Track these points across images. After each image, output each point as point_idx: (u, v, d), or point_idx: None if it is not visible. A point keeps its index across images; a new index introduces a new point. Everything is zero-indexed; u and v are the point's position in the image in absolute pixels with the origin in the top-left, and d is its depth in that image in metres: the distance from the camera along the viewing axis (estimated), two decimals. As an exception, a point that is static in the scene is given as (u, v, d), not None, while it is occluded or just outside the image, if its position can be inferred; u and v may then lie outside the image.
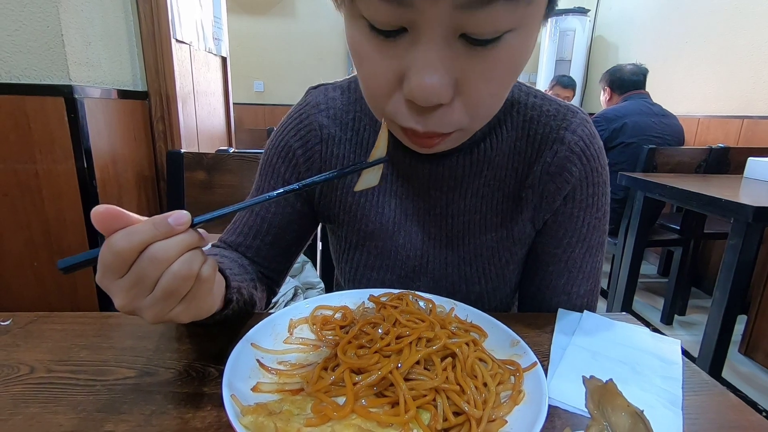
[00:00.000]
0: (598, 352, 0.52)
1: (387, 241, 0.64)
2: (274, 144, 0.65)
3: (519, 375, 0.43)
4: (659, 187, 1.78)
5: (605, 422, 0.30)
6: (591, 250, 0.62)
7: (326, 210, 0.66)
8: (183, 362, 0.49)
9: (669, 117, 2.43)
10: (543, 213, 0.61)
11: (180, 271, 0.34)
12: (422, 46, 0.38)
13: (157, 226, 0.33)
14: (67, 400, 0.42)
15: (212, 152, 1.34)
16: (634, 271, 2.07)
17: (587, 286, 0.63)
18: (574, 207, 0.59)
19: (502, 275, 0.64)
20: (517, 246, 0.63)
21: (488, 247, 0.62)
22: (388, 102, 0.44)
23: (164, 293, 0.34)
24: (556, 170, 0.58)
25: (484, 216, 0.61)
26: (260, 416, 0.35)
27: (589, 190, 0.59)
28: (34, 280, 1.24)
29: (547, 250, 0.63)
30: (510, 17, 0.36)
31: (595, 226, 0.61)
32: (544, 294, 0.65)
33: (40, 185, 1.18)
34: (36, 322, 0.57)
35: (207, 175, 1.29)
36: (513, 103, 0.59)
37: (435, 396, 0.38)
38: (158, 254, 0.33)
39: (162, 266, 0.33)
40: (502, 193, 0.61)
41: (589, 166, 0.58)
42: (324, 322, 0.53)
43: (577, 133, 0.57)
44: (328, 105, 0.63)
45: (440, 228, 0.63)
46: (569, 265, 0.62)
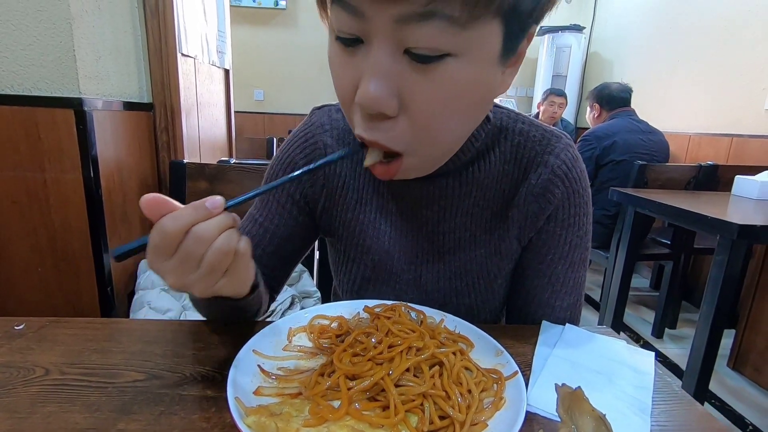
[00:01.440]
0: (577, 362, 0.55)
1: (383, 255, 0.68)
2: (280, 159, 0.69)
3: (501, 383, 0.47)
4: (649, 203, 1.83)
5: (573, 425, 0.34)
6: (573, 266, 0.66)
7: (327, 224, 0.70)
8: (189, 367, 0.52)
9: (655, 133, 2.50)
10: (528, 231, 0.65)
11: (221, 246, 0.39)
12: (371, 56, 0.42)
13: (197, 210, 0.38)
14: (82, 401, 0.45)
15: (214, 163, 1.38)
16: (625, 285, 2.11)
17: (570, 300, 0.67)
18: (557, 226, 0.64)
19: (491, 289, 0.68)
20: (505, 261, 0.67)
21: (477, 263, 0.66)
22: (350, 110, 0.48)
23: (209, 268, 0.39)
24: (540, 191, 0.62)
25: (473, 233, 0.65)
26: (262, 417, 0.39)
27: (571, 210, 0.63)
28: (39, 285, 1.27)
29: (532, 266, 0.67)
30: (448, 39, 0.39)
31: (577, 244, 0.65)
32: (530, 307, 0.68)
33: (48, 193, 1.21)
34: (48, 327, 0.60)
35: (209, 185, 1.33)
36: (501, 129, 0.63)
37: (423, 401, 0.42)
38: (202, 233, 0.38)
39: (206, 243, 0.38)
40: (490, 212, 0.65)
41: (571, 188, 0.62)
42: (321, 331, 0.57)
43: (560, 158, 0.62)
44: (332, 126, 0.68)
45: (432, 244, 0.67)
46: (552, 280, 0.66)
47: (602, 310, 2.28)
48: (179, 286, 0.40)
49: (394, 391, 0.42)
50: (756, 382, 1.96)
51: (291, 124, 4.35)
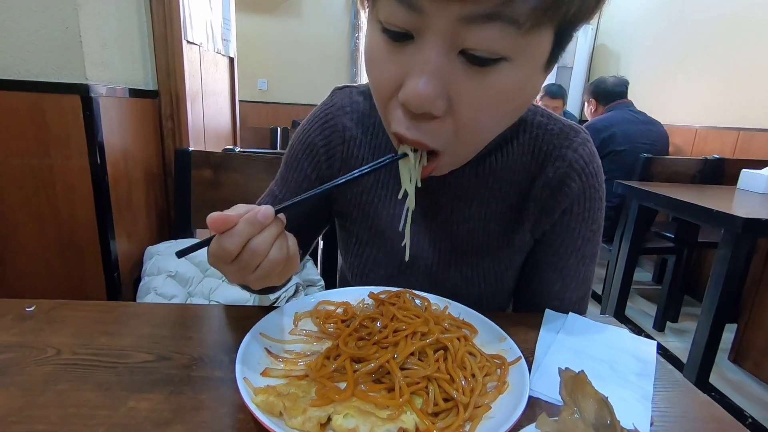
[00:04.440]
0: (580, 350, 0.56)
1: (395, 240, 0.68)
2: (300, 139, 0.69)
3: (504, 368, 0.47)
4: (653, 197, 1.82)
5: (575, 408, 0.34)
6: (584, 260, 0.66)
7: (341, 206, 0.71)
8: (197, 349, 0.53)
9: (654, 124, 2.48)
10: (542, 224, 0.65)
11: (275, 258, 0.43)
12: (424, 54, 0.41)
13: (252, 225, 0.41)
14: (93, 380, 0.46)
15: (219, 151, 1.38)
16: (627, 278, 2.12)
17: (579, 293, 0.68)
18: (571, 220, 0.64)
19: (501, 280, 0.68)
20: (517, 253, 0.67)
21: (489, 253, 0.67)
22: (388, 105, 0.48)
23: (265, 273, 0.43)
24: (557, 185, 0.62)
25: (487, 224, 0.65)
26: (270, 396, 0.40)
27: (586, 204, 0.63)
28: (46, 271, 1.28)
29: (544, 259, 0.67)
30: (508, 43, 0.39)
31: (590, 239, 0.65)
32: (539, 299, 0.69)
33: (54, 180, 1.22)
34: (58, 309, 0.61)
35: (213, 174, 1.33)
36: (520, 121, 0.63)
37: (427, 384, 0.42)
38: (256, 248, 0.41)
39: (261, 257, 0.42)
40: (505, 204, 0.65)
41: (588, 183, 0.62)
42: (327, 316, 0.58)
43: (578, 152, 0.62)
44: (352, 108, 0.67)
45: (445, 233, 0.67)
46: (563, 273, 0.66)
47: (604, 303, 2.29)
48: (237, 282, 0.47)
49: (399, 373, 0.42)
50: (756, 375, 1.97)
51: (295, 114, 4.33)
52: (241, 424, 0.41)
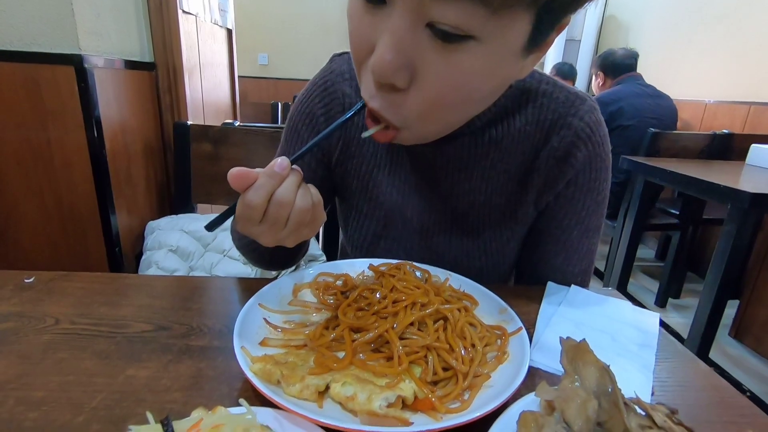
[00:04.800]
0: (581, 322, 0.56)
1: (395, 212, 0.67)
2: (299, 109, 0.68)
3: (504, 338, 0.47)
4: (660, 172, 1.79)
5: (576, 376, 0.34)
6: (588, 233, 0.65)
7: (341, 176, 0.70)
8: (195, 319, 0.53)
9: (663, 98, 2.42)
10: (546, 196, 0.63)
11: (302, 206, 0.42)
12: (392, 22, 0.39)
13: (272, 177, 0.41)
14: (92, 348, 0.46)
15: (218, 125, 1.36)
16: (631, 254, 2.11)
17: (582, 266, 0.67)
18: (576, 191, 0.62)
19: (502, 252, 0.67)
20: (519, 225, 0.66)
21: (491, 226, 0.65)
22: (361, 70, 0.46)
23: (296, 225, 0.43)
24: (562, 155, 0.60)
25: (488, 197, 0.64)
26: (268, 365, 0.39)
27: (592, 174, 0.61)
28: (47, 246, 1.29)
29: (547, 231, 0.66)
30: (476, 21, 0.37)
31: (594, 210, 0.64)
32: (541, 271, 0.68)
33: (52, 154, 1.21)
34: (57, 280, 0.61)
35: (213, 148, 1.32)
36: (524, 90, 0.60)
37: (426, 353, 0.42)
38: (282, 198, 0.41)
39: (288, 207, 0.42)
40: (507, 175, 0.63)
41: (594, 152, 0.60)
42: (326, 287, 0.57)
43: (584, 120, 0.59)
44: (351, 75, 0.65)
45: (445, 205, 0.66)
46: (566, 246, 0.65)
47: (606, 279, 2.29)
48: (272, 244, 0.45)
49: (398, 342, 0.42)
50: (756, 351, 1.98)
51: (296, 89, 4.26)
52: (239, 392, 0.41)
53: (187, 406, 0.39)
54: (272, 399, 0.35)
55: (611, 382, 0.32)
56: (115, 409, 0.38)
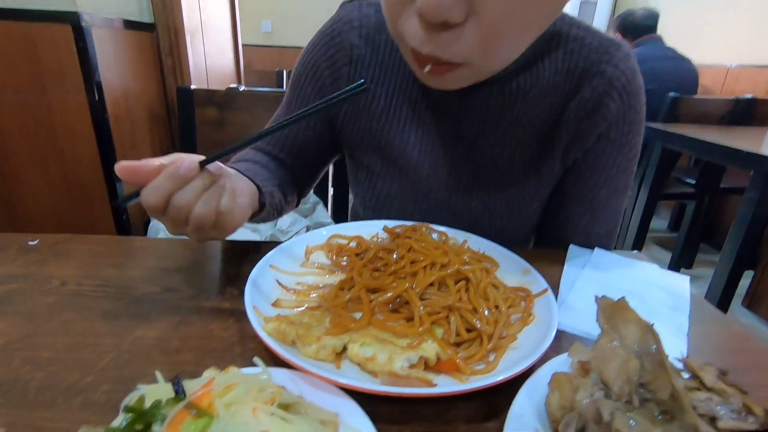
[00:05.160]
0: (607, 285, 0.53)
1: (410, 170, 0.63)
2: (303, 62, 0.64)
3: (530, 299, 0.45)
4: (679, 138, 1.73)
5: (615, 335, 0.31)
6: (616, 192, 0.61)
7: (350, 135, 0.66)
8: (204, 281, 0.51)
9: (684, 60, 2.31)
10: (574, 151, 0.59)
11: (201, 212, 0.41)
12: None
13: (172, 178, 0.40)
14: (99, 309, 0.45)
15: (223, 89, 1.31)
16: (645, 224, 2.07)
17: (607, 228, 0.63)
18: (607, 146, 0.58)
19: (525, 212, 0.64)
20: (543, 184, 0.62)
21: (514, 184, 0.62)
22: (401, 16, 0.42)
23: (195, 227, 0.42)
24: (594, 106, 0.56)
25: (512, 152, 0.60)
26: (282, 324, 0.37)
27: (625, 128, 0.57)
28: (54, 213, 1.28)
29: (573, 190, 0.62)
30: None
31: (625, 167, 0.60)
32: (564, 233, 0.65)
33: (54, 118, 1.17)
34: (62, 243, 0.59)
35: (218, 113, 1.28)
36: (553, 34, 0.55)
37: (448, 314, 0.40)
38: (179, 202, 0.40)
39: (186, 211, 0.41)
40: (533, 129, 0.59)
41: (628, 103, 0.56)
42: (339, 249, 0.55)
43: (619, 68, 0.54)
44: (361, 22, 0.60)
45: (466, 162, 0.62)
46: (593, 206, 0.61)
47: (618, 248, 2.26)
48: (177, 235, 0.45)
49: (418, 302, 0.39)
50: (769, 321, 1.97)
51: (301, 57, 4.14)
52: (252, 353, 0.39)
53: (198, 367, 0.37)
54: (287, 359, 0.33)
55: (655, 341, 0.30)
56: (124, 369, 0.37)
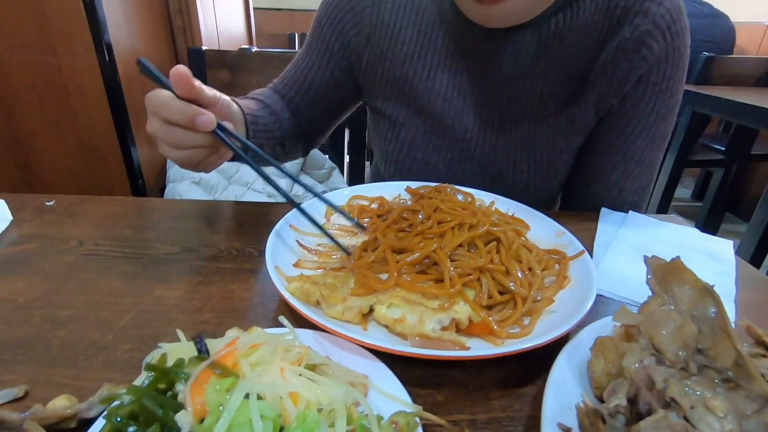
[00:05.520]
0: (644, 248, 0.50)
1: (436, 119, 0.60)
2: (325, 3, 0.61)
3: (564, 262, 0.42)
4: (711, 101, 1.64)
5: (668, 298, 0.29)
6: (653, 143, 0.57)
7: (371, 84, 0.63)
8: (223, 242, 0.50)
9: (720, 17, 2.15)
10: (610, 97, 0.55)
11: (182, 159, 0.44)
12: None
13: (187, 117, 0.40)
14: (117, 269, 0.44)
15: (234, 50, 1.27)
16: (669, 191, 2.00)
17: (641, 183, 0.60)
18: (647, 90, 0.54)
19: (554, 165, 0.60)
20: (575, 134, 0.58)
21: (544, 134, 0.58)
22: None
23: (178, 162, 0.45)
24: (634, 47, 0.51)
25: (544, 99, 0.56)
26: (306, 284, 0.36)
27: (667, 72, 0.53)
28: (71, 178, 1.28)
29: (607, 140, 0.58)
30: None
31: (664, 116, 0.55)
32: (594, 188, 0.61)
33: (65, 80, 1.15)
34: (78, 204, 0.58)
35: (230, 75, 1.24)
36: None
37: (480, 275, 0.38)
38: (172, 139, 0.42)
39: (174, 147, 0.43)
40: (567, 74, 0.55)
41: (672, 44, 0.51)
42: (360, 210, 0.53)
43: (663, 5, 0.50)
44: None
45: (494, 109, 0.58)
46: (627, 157, 0.58)
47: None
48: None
49: (448, 263, 0.37)
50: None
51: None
52: (274, 313, 0.38)
53: (220, 327, 0.36)
54: (313, 320, 0.32)
55: (715, 304, 0.27)
56: (145, 328, 0.36)
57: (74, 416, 0.27)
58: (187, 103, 0.40)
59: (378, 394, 0.29)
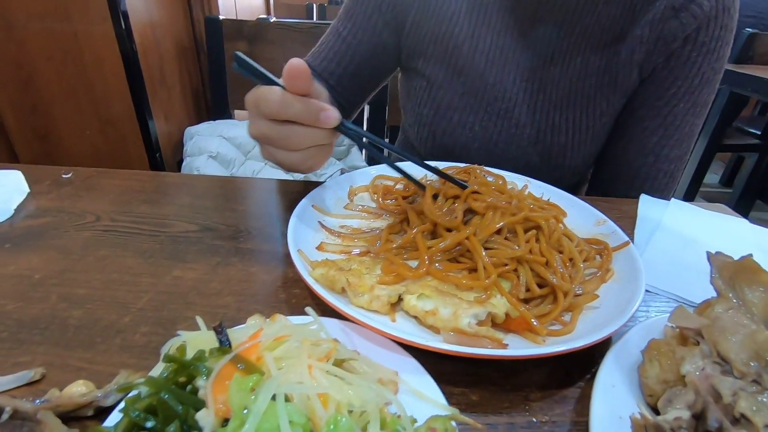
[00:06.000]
0: (691, 239, 0.46)
1: (476, 78, 0.58)
2: None
3: (607, 253, 0.39)
4: (753, 81, 1.54)
5: (736, 300, 0.26)
6: (695, 109, 0.54)
7: (415, 43, 0.61)
8: (242, 221, 0.48)
9: None
10: (656, 56, 0.53)
11: (296, 162, 0.39)
12: None
13: (309, 113, 0.35)
14: (134, 247, 0.42)
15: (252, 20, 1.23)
16: (698, 176, 1.92)
17: (679, 151, 0.57)
18: (693, 50, 0.51)
19: (593, 128, 0.58)
20: (617, 95, 0.56)
21: (585, 95, 0.56)
22: None
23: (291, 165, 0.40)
24: (684, 3, 0.49)
25: (587, 59, 0.54)
26: (331, 270, 0.34)
27: (715, 32, 0.50)
28: (89, 151, 1.28)
29: (648, 103, 0.55)
30: None
31: (709, 79, 0.53)
32: (630, 154, 0.58)
33: (81, 48, 1.13)
34: (95, 177, 0.56)
35: (248, 46, 1.20)
36: None
37: (517, 266, 0.35)
38: (287, 141, 0.37)
39: (287, 150, 0.38)
40: (613, 33, 0.52)
41: (723, 4, 0.49)
42: (385, 191, 0.50)
43: None
44: None
45: (535, 69, 0.56)
46: (667, 122, 0.55)
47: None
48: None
49: (482, 251, 0.35)
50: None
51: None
52: (297, 299, 0.36)
53: (240, 312, 0.35)
54: (340, 309, 0.30)
55: (795, 311, 0.24)
56: (162, 311, 0.34)
57: (91, 404, 0.26)
58: (305, 99, 0.35)
59: (408, 392, 0.27)
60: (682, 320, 0.27)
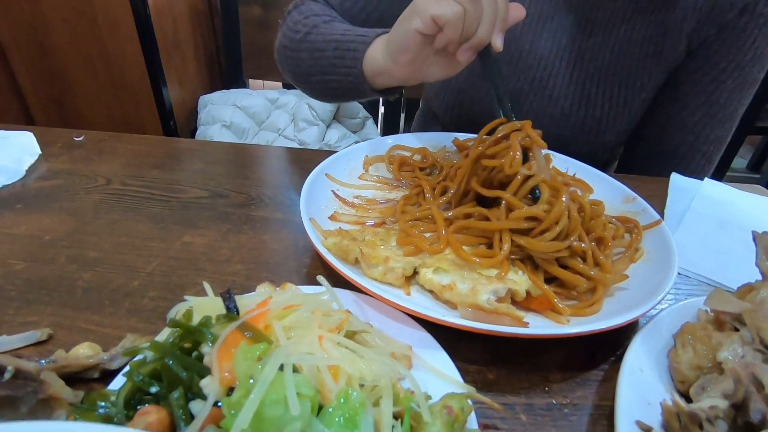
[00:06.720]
0: (725, 220, 0.44)
1: (511, 44, 0.54)
2: None
3: (637, 232, 0.37)
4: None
5: (784, 284, 0.24)
6: (743, 87, 0.50)
7: None
8: (254, 188, 0.46)
9: None
10: (708, 27, 0.48)
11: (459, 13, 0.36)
12: None
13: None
14: (145, 211, 0.41)
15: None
16: (727, 159, 1.84)
17: (720, 132, 0.53)
18: (750, 22, 0.46)
19: (631, 103, 0.54)
20: (661, 68, 0.51)
21: (626, 67, 0.51)
22: None
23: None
24: None
25: (632, 27, 0.49)
26: (344, 240, 0.32)
27: None
28: (105, 116, 1.28)
29: (692, 78, 0.51)
30: None
31: (762, 55, 0.48)
32: (668, 133, 0.54)
33: (95, 11, 1.11)
34: (107, 141, 0.55)
35: (263, 12, 1.17)
36: None
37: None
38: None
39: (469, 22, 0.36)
40: None
41: None
42: (401, 162, 0.48)
43: None
44: None
45: (574, 38, 0.52)
46: (712, 99, 0.51)
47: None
48: None
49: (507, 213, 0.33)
50: None
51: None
52: (309, 269, 0.35)
53: (250, 280, 0.34)
54: (353, 280, 0.28)
55: None
56: (172, 276, 0.34)
57: (96, 366, 0.25)
58: None
59: (423, 367, 0.25)
60: (720, 304, 0.25)
